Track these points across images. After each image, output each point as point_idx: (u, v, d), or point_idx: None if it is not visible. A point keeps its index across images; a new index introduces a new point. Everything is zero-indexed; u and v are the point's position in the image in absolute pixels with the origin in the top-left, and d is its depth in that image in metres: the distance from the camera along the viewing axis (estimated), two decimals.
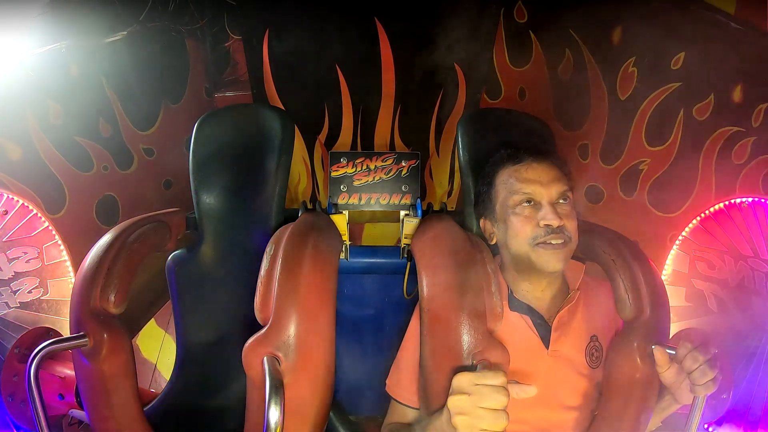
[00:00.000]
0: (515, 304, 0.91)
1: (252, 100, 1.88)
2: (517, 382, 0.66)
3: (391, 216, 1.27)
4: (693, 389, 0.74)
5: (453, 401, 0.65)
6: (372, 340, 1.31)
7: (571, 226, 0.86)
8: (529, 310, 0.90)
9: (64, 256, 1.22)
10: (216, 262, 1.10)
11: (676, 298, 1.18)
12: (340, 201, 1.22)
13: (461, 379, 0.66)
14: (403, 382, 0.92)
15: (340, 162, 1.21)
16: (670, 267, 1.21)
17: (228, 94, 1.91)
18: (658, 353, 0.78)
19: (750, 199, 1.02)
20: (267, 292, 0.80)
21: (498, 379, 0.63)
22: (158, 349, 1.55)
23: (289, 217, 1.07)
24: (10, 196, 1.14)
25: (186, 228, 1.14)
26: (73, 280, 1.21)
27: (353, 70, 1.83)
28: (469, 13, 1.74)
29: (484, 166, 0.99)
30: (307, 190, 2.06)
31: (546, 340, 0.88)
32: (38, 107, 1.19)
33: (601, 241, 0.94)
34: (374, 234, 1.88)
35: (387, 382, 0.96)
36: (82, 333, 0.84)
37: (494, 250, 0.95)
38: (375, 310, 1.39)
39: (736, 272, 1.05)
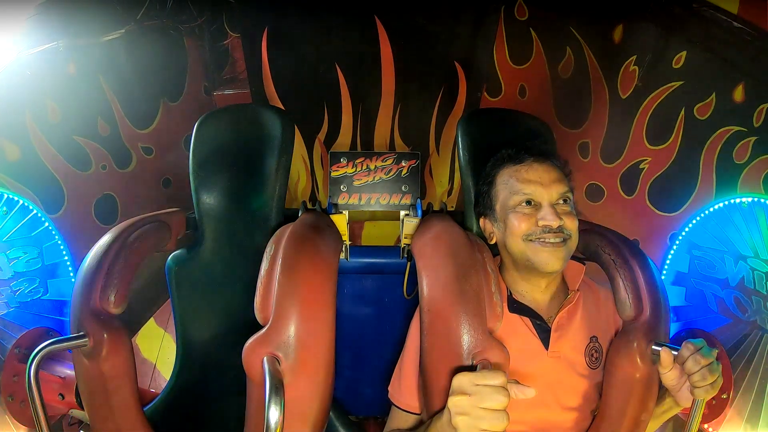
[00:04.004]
0: (514, 306, 0.91)
1: (251, 98, 1.88)
2: (517, 382, 0.66)
3: (390, 213, 1.27)
4: (693, 391, 0.74)
5: (453, 401, 0.65)
6: (372, 340, 1.32)
7: (571, 225, 0.86)
8: (529, 312, 0.90)
9: (64, 256, 1.22)
10: (216, 262, 1.09)
11: (676, 298, 1.18)
12: (340, 201, 1.22)
13: (461, 380, 0.66)
14: (404, 388, 0.92)
15: (340, 162, 1.21)
16: (670, 267, 1.21)
17: (227, 92, 1.90)
18: (665, 354, 0.77)
19: (750, 199, 1.02)
20: (267, 293, 0.80)
21: (498, 380, 0.63)
22: (158, 348, 1.55)
23: (289, 217, 1.07)
24: (10, 196, 1.13)
25: (186, 228, 1.14)
26: (73, 280, 1.21)
27: (353, 69, 1.82)
28: (470, 11, 1.73)
29: (484, 166, 0.99)
30: (307, 188, 2.05)
31: (546, 342, 0.88)
32: (36, 106, 1.19)
33: (601, 241, 0.94)
34: (374, 234, 1.88)
35: (389, 388, 0.96)
36: (82, 333, 0.84)
37: (494, 250, 0.95)
38: (375, 310, 1.39)
39: (736, 272, 1.05)
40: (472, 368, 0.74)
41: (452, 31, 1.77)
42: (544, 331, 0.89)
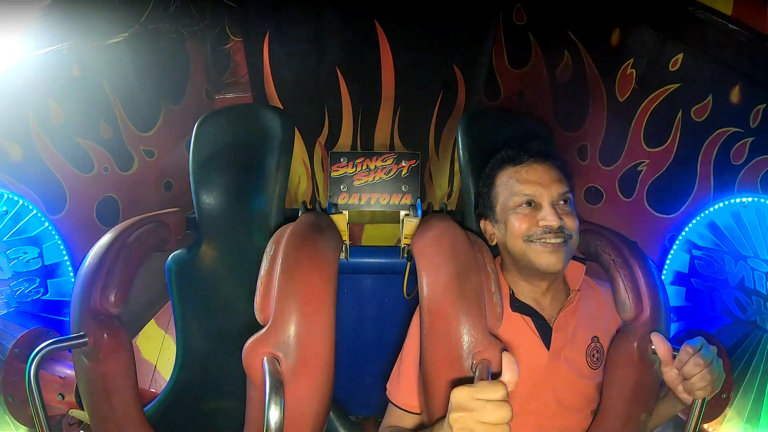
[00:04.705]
0: (516, 305, 0.91)
1: (252, 101, 1.89)
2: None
3: (391, 216, 1.27)
4: (693, 393, 0.74)
5: (454, 417, 0.63)
6: (372, 340, 1.32)
7: (572, 225, 0.87)
8: (531, 311, 0.90)
9: (64, 256, 1.22)
10: (216, 262, 1.10)
11: (676, 298, 1.18)
12: (340, 201, 1.22)
13: (461, 395, 0.63)
14: (402, 387, 0.92)
15: (340, 162, 1.22)
16: (670, 267, 1.21)
17: (228, 95, 1.91)
18: (662, 349, 0.78)
19: (749, 199, 1.03)
20: (267, 292, 0.80)
21: (498, 393, 0.61)
22: (158, 349, 1.55)
23: (289, 217, 1.07)
24: (11, 196, 1.14)
25: (186, 228, 1.15)
26: (73, 280, 1.21)
27: (353, 72, 1.83)
28: (469, 15, 1.75)
29: (484, 167, 0.99)
30: (307, 192, 2.06)
31: (547, 342, 0.88)
32: (39, 108, 1.20)
33: (601, 241, 0.95)
34: (374, 234, 1.88)
35: (387, 386, 0.96)
36: (82, 333, 0.84)
37: (495, 251, 0.95)
38: (375, 310, 1.39)
39: (736, 272, 1.05)
40: (469, 380, 0.74)
41: (451, 36, 1.78)
42: (545, 331, 0.89)
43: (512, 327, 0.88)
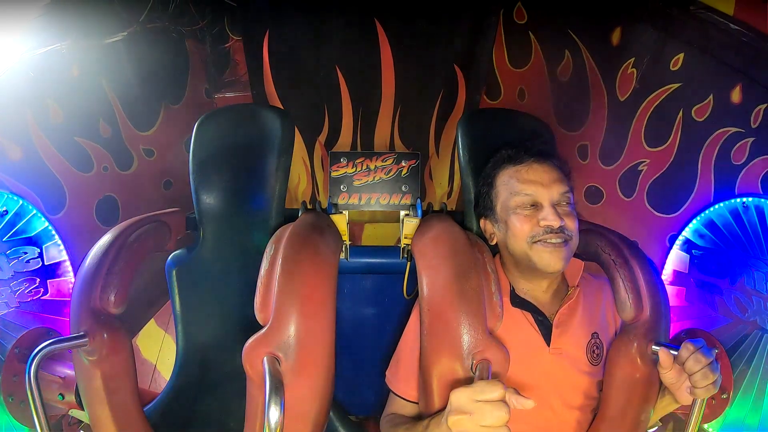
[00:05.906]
0: (517, 300, 0.91)
1: (252, 100, 1.88)
2: (517, 391, 0.65)
3: (391, 216, 1.27)
4: (693, 391, 0.74)
5: (453, 420, 0.64)
6: (372, 340, 1.31)
7: (572, 225, 0.87)
8: (531, 307, 0.91)
9: (64, 256, 1.22)
10: (216, 262, 1.10)
11: (676, 298, 1.18)
12: (340, 201, 1.22)
13: (460, 397, 0.65)
14: (401, 375, 0.93)
15: (340, 162, 1.21)
16: (670, 267, 1.21)
17: (228, 94, 1.91)
18: (663, 355, 0.77)
19: (749, 199, 1.03)
20: (267, 292, 0.80)
21: (496, 393, 0.62)
22: (158, 349, 1.55)
23: (289, 217, 1.07)
24: (10, 196, 1.14)
25: (186, 228, 1.15)
26: (73, 280, 1.21)
27: (353, 71, 1.83)
28: (469, 14, 1.74)
29: (484, 167, 0.99)
30: (307, 190, 2.06)
31: (547, 338, 0.89)
32: (38, 108, 1.19)
33: (601, 241, 0.95)
34: (374, 234, 1.88)
35: (386, 373, 0.96)
36: (82, 333, 0.84)
37: (494, 250, 0.95)
38: (375, 310, 1.39)
39: (736, 272, 1.05)
40: (470, 379, 0.74)
41: (452, 35, 1.78)
42: (545, 327, 0.89)
43: (513, 323, 0.88)
